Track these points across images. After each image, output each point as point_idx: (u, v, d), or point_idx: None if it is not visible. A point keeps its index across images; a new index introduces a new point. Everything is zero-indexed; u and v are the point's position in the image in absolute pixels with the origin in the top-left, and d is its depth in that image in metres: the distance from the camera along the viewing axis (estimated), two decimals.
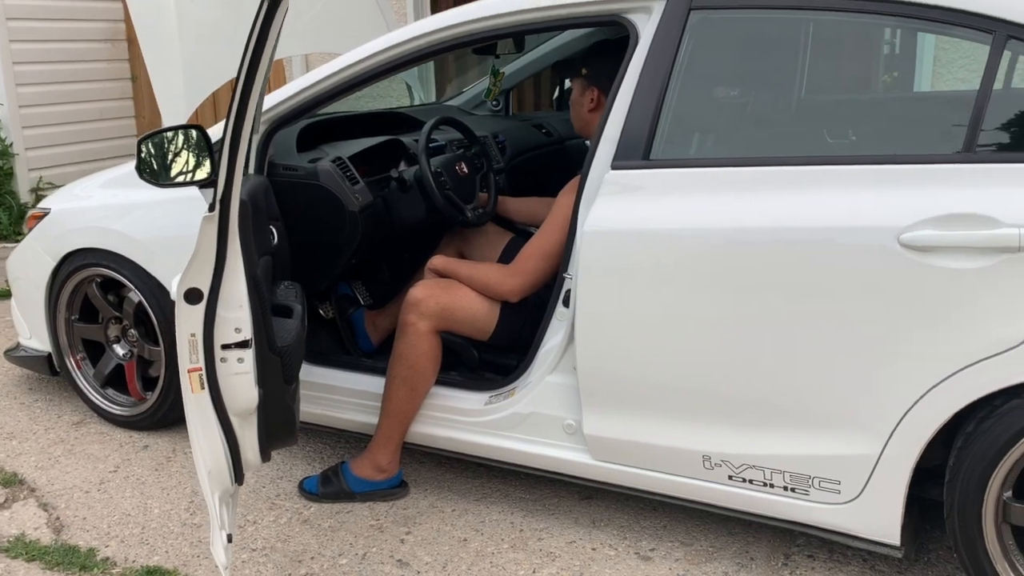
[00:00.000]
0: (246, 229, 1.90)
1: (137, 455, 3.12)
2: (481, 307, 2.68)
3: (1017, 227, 1.89)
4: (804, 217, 2.10)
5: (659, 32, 2.31)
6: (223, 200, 1.80)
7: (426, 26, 2.58)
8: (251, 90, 1.75)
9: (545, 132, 4.11)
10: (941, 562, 2.42)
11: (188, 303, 1.83)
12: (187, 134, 2.45)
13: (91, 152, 6.85)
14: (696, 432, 2.32)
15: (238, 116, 1.75)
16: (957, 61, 4.60)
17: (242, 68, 1.74)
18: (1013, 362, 1.93)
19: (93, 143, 6.88)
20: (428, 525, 2.65)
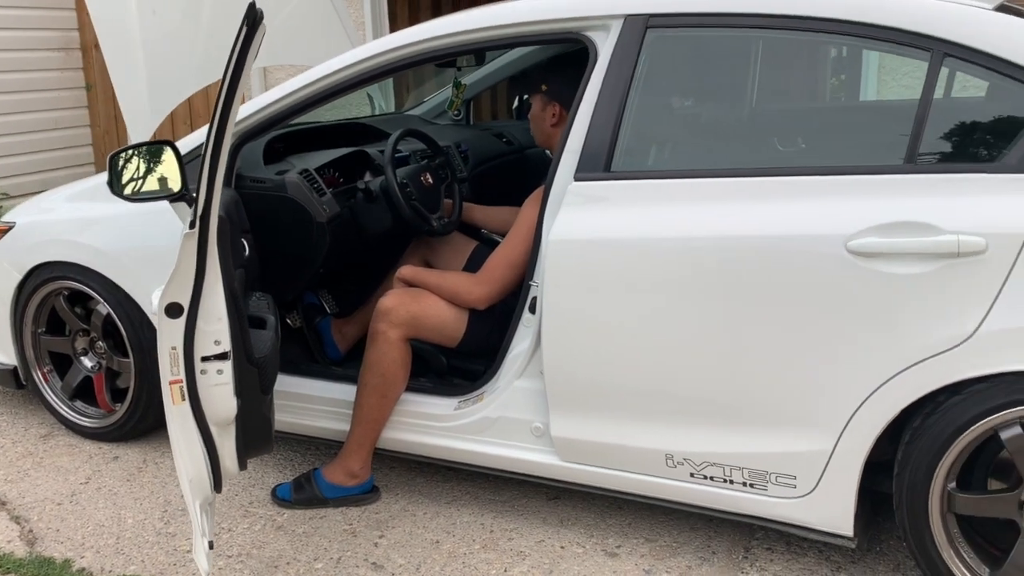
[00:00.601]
0: (224, 244, 1.95)
1: (108, 466, 3.15)
2: (450, 315, 2.76)
3: (956, 234, 2.01)
4: (757, 226, 2.20)
5: (617, 49, 2.41)
6: (203, 217, 1.85)
7: (393, 41, 2.65)
8: (230, 112, 1.81)
9: (506, 141, 4.19)
10: (892, 551, 2.55)
11: (169, 317, 1.88)
12: (158, 149, 2.50)
13: (47, 162, 6.80)
14: (659, 432, 2.42)
15: (217, 136, 1.81)
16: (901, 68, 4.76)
17: (222, 90, 1.80)
18: (954, 361, 2.05)
19: (48, 152, 6.83)
20: (401, 528, 2.72)
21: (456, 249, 3.23)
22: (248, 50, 1.76)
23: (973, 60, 2.09)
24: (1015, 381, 2.02)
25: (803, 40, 2.29)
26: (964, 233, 2.01)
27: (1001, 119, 2.12)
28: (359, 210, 3.14)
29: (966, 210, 2.03)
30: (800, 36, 2.27)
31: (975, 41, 2.08)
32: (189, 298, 1.88)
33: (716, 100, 2.54)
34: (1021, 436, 2.06)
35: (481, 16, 2.55)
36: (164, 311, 1.87)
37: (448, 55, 2.63)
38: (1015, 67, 2.06)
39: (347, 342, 3.27)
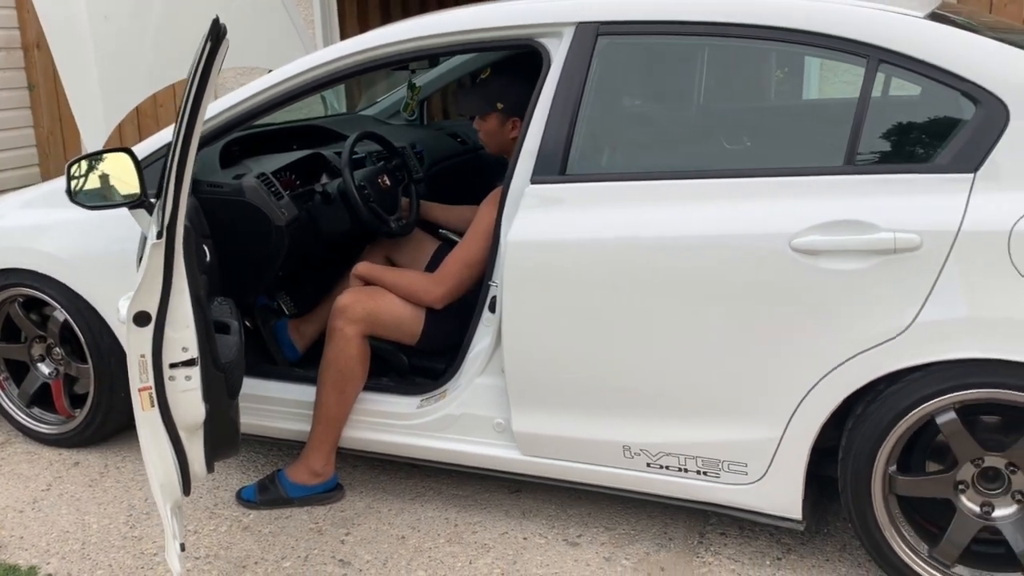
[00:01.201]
0: (190, 252, 1.99)
1: (68, 472, 3.15)
2: (406, 312, 2.82)
3: (893, 231, 2.13)
4: (706, 225, 2.30)
5: (570, 55, 2.49)
6: (169, 226, 1.89)
7: (353, 46, 2.69)
8: (195, 126, 1.85)
9: (460, 140, 4.25)
10: (838, 532, 2.67)
11: (137, 325, 1.92)
12: (116, 157, 2.52)
13: None
14: (616, 425, 2.51)
15: (183, 149, 1.85)
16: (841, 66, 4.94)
17: (186, 104, 1.83)
18: (893, 351, 2.17)
19: None
20: (366, 525, 2.77)
21: (421, 247, 3.29)
22: (212, 64, 1.80)
23: (906, 66, 2.21)
24: (949, 369, 2.14)
25: (747, 47, 2.39)
26: (900, 231, 2.12)
27: (933, 122, 2.24)
28: (317, 213, 3.18)
29: (902, 209, 2.14)
30: (744, 43, 2.37)
31: (908, 48, 2.20)
32: (157, 306, 1.92)
33: (665, 104, 2.63)
34: (955, 421, 2.19)
35: (439, 22, 2.61)
36: (132, 320, 1.91)
37: (407, 60, 2.70)
38: (944, 72, 2.18)
39: (305, 341, 3.30)
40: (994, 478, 2.24)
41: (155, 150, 2.90)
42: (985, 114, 2.13)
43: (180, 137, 1.84)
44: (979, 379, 2.12)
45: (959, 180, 2.13)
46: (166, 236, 1.89)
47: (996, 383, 2.11)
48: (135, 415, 2.01)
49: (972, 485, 2.25)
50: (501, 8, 2.59)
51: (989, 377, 2.11)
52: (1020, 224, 2.04)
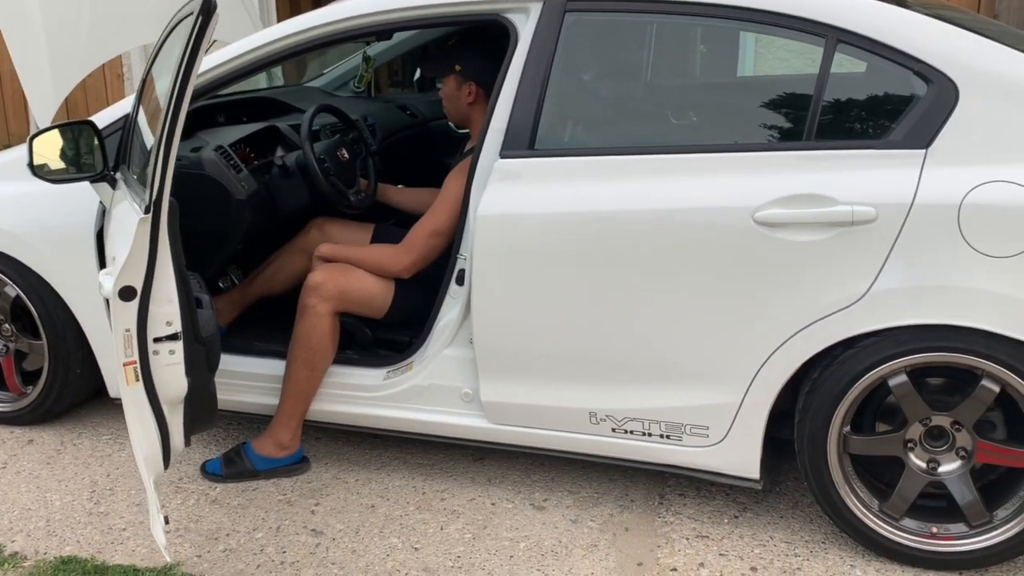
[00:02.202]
0: (174, 228, 1.99)
1: (23, 450, 3.10)
2: (376, 287, 2.85)
3: (850, 204, 2.24)
4: (671, 199, 2.38)
5: (538, 31, 2.53)
6: (156, 203, 1.88)
7: (313, 19, 2.69)
8: (182, 104, 1.84)
9: (410, 114, 4.26)
10: (790, 491, 2.81)
11: (123, 300, 1.91)
12: (79, 130, 2.49)
13: None
14: (583, 392, 2.59)
15: (170, 128, 1.84)
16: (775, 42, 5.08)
17: (175, 83, 1.82)
18: (849, 319, 2.29)
19: None
20: (335, 496, 2.81)
21: (360, 229, 3.29)
22: (201, 42, 1.79)
23: (862, 46, 2.31)
24: (902, 335, 2.28)
25: (709, 25, 2.47)
26: (857, 204, 2.24)
27: (887, 100, 2.35)
28: (276, 186, 3.17)
29: (858, 183, 2.26)
30: (706, 22, 2.45)
31: (865, 28, 2.31)
32: (142, 281, 1.91)
33: (630, 81, 2.70)
34: (906, 383, 2.33)
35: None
36: (118, 295, 1.90)
37: (371, 33, 2.71)
38: (898, 52, 2.29)
39: (223, 319, 3.25)
40: (939, 436, 2.39)
41: (113, 121, 2.85)
42: (936, 93, 2.25)
43: (168, 114, 1.84)
44: (930, 344, 2.26)
45: (912, 156, 2.25)
46: (152, 212, 1.88)
47: (946, 347, 2.25)
48: (120, 389, 2.01)
49: (920, 443, 2.40)
50: None
51: (939, 342, 2.25)
52: (969, 197, 2.17)
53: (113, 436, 3.19)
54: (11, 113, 6.67)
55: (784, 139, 2.40)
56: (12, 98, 6.62)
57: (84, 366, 3.12)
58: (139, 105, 2.64)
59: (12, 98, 6.62)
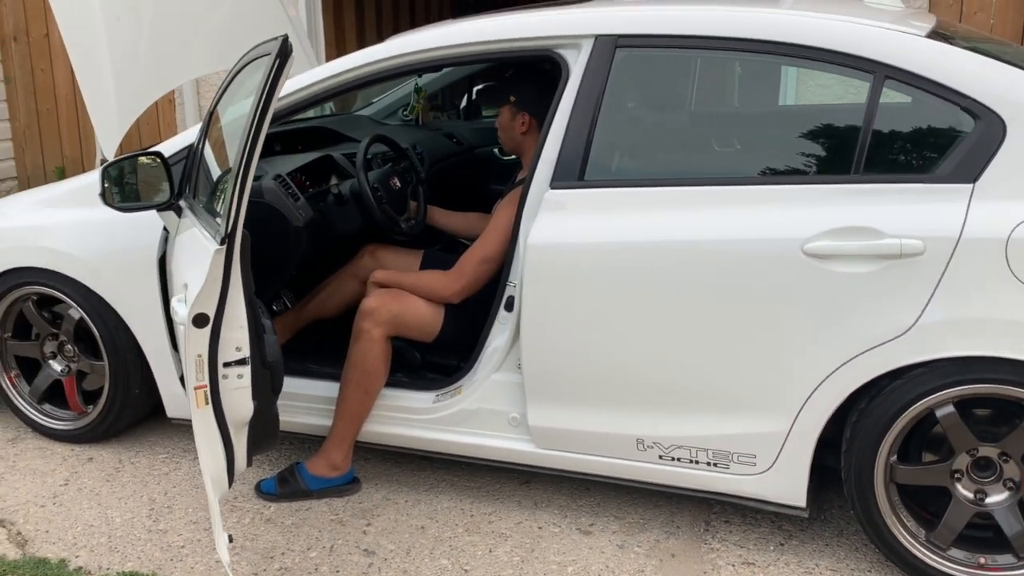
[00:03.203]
0: (245, 258, 2.08)
1: (84, 467, 3.20)
2: (428, 312, 2.92)
3: (898, 238, 2.28)
4: (722, 230, 2.43)
5: (589, 66, 2.60)
6: (231, 234, 1.97)
7: (377, 54, 2.78)
8: (258, 142, 1.93)
9: (456, 141, 4.35)
10: (835, 519, 2.83)
11: (196, 327, 2.00)
12: (148, 160, 2.60)
13: None
14: (630, 419, 2.64)
15: (246, 163, 1.93)
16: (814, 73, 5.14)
17: (251, 120, 1.91)
18: (896, 350, 2.32)
19: None
20: (385, 516, 2.87)
21: (410, 255, 3.37)
22: (278, 81, 1.89)
23: (910, 81, 2.36)
24: (949, 366, 2.30)
25: (759, 60, 2.53)
26: (905, 237, 2.28)
27: (934, 134, 2.39)
28: (330, 213, 3.27)
29: (906, 216, 2.29)
30: (757, 57, 2.51)
31: (911, 65, 2.35)
32: (215, 308, 2.00)
33: (680, 114, 2.76)
34: (953, 414, 2.35)
35: (464, 32, 2.72)
36: (192, 321, 1.99)
37: (431, 67, 2.80)
38: (945, 88, 2.33)
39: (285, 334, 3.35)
40: (987, 467, 2.41)
41: (177, 151, 2.95)
42: (984, 128, 2.29)
43: (245, 151, 1.93)
44: (977, 375, 2.28)
45: (959, 190, 2.28)
46: (227, 243, 1.97)
47: (993, 379, 2.27)
48: (191, 412, 2.09)
49: (967, 474, 2.42)
50: (522, 19, 2.70)
51: (986, 373, 2.27)
52: (1017, 231, 2.20)
53: (170, 455, 3.28)
54: (66, 138, 6.86)
55: (833, 172, 2.45)
56: (67, 123, 6.82)
57: (143, 386, 3.22)
58: (204, 137, 2.74)
59: (67, 123, 6.82)
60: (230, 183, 1.98)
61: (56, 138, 6.91)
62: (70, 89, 6.69)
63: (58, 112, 6.83)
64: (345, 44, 7.06)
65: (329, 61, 2.89)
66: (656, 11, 2.59)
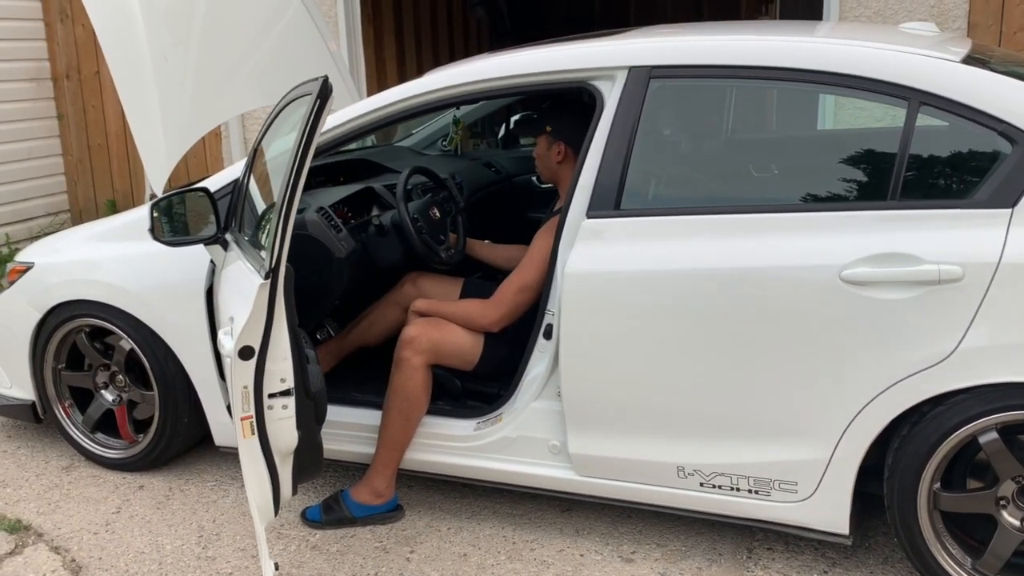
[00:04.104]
0: (289, 291, 2.14)
1: (136, 495, 3.28)
2: (467, 340, 2.96)
3: (937, 264, 2.27)
4: (758, 257, 2.44)
5: (623, 98, 2.64)
6: (275, 269, 2.04)
7: (419, 88, 2.85)
8: (300, 179, 2.00)
9: (494, 170, 4.41)
10: (879, 546, 2.80)
11: (242, 359, 2.06)
12: (195, 195, 2.68)
13: (20, 192, 6.84)
14: (671, 446, 2.65)
15: (289, 200, 2.00)
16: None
17: (294, 158, 1.98)
18: (937, 376, 2.31)
19: (22, 183, 6.87)
20: (428, 544, 2.90)
21: (450, 283, 3.42)
22: (319, 121, 1.95)
23: (945, 107, 2.36)
24: (991, 392, 2.29)
25: (794, 89, 2.55)
26: (943, 263, 2.27)
27: (971, 160, 2.39)
28: (371, 244, 3.33)
29: (944, 242, 2.29)
30: (791, 86, 2.53)
31: (946, 91, 2.36)
32: (260, 341, 2.06)
33: (714, 143, 2.79)
34: (997, 440, 2.33)
35: (501, 66, 2.78)
36: (238, 354, 2.05)
37: (475, 99, 2.87)
38: (981, 113, 2.33)
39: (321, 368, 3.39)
40: None
41: (223, 186, 3.04)
42: (1021, 153, 2.28)
43: (288, 189, 1.99)
44: (1020, 401, 2.26)
45: (998, 215, 2.27)
46: (272, 277, 2.03)
47: None
48: (237, 441, 2.15)
49: (1012, 501, 2.39)
50: (557, 52, 2.75)
51: None
52: None
53: (218, 483, 3.35)
54: (116, 172, 7.07)
55: (869, 198, 2.45)
56: (117, 158, 7.02)
57: (192, 415, 3.29)
58: (249, 172, 2.82)
59: (117, 158, 7.02)
60: (274, 219, 2.04)
61: (107, 172, 7.12)
62: (120, 125, 6.89)
63: (109, 147, 7.04)
64: (386, 75, 7.19)
65: (370, 92, 2.97)
66: (689, 42, 2.63)
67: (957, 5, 4.66)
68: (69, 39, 6.94)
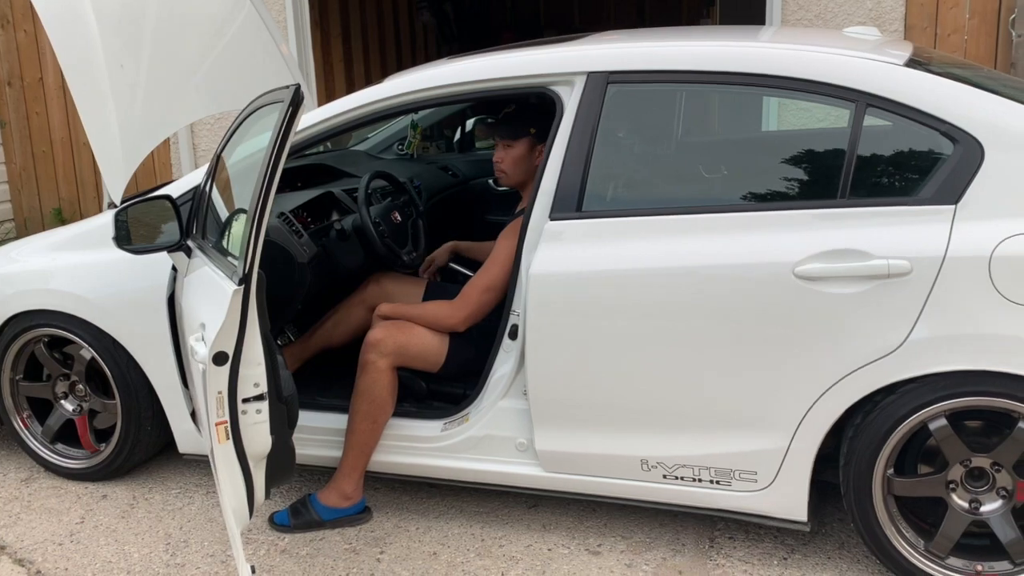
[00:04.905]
0: (261, 296, 2.16)
1: (99, 505, 3.26)
2: (432, 342, 3.00)
3: (886, 259, 2.38)
4: (716, 255, 2.52)
5: (583, 102, 2.70)
6: (247, 276, 2.06)
7: (374, 95, 2.88)
8: (271, 188, 2.02)
9: (452, 174, 4.45)
10: (835, 532, 2.91)
11: (216, 365, 2.08)
12: (158, 203, 2.68)
13: None
14: (634, 440, 2.72)
15: (260, 209, 2.02)
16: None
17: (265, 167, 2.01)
18: (888, 366, 2.42)
19: None
20: (398, 544, 2.94)
21: (413, 283, 3.46)
22: (290, 129, 1.98)
23: (891, 109, 2.47)
24: (940, 381, 2.39)
25: (744, 93, 2.64)
26: (892, 258, 2.38)
27: (916, 159, 2.50)
28: (333, 249, 3.35)
29: (892, 238, 2.39)
30: (742, 89, 2.62)
31: (892, 93, 2.46)
32: (234, 346, 2.08)
33: (671, 145, 2.87)
34: (946, 427, 2.44)
35: (460, 71, 2.82)
36: (212, 360, 2.07)
37: (427, 106, 2.90)
38: (924, 114, 2.44)
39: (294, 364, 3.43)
40: (980, 477, 2.49)
41: (183, 193, 3.04)
42: (963, 151, 2.40)
43: (260, 196, 2.02)
44: (967, 388, 2.38)
45: (942, 211, 2.39)
46: (245, 284, 2.05)
47: (982, 392, 2.37)
48: (212, 447, 2.16)
49: (961, 484, 2.51)
50: (517, 58, 2.81)
51: (975, 386, 2.37)
52: (999, 249, 2.31)
53: (183, 490, 3.34)
54: (62, 179, 6.95)
55: (820, 196, 2.55)
56: (63, 165, 6.92)
57: (155, 423, 3.28)
58: (212, 179, 2.83)
59: (63, 165, 6.92)
60: (245, 227, 2.06)
61: (52, 180, 7.00)
62: (65, 132, 6.79)
63: (54, 154, 6.93)
64: (334, 79, 7.17)
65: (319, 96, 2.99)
66: (645, 48, 2.71)
67: (894, 8, 4.82)
68: (11, 45, 6.82)
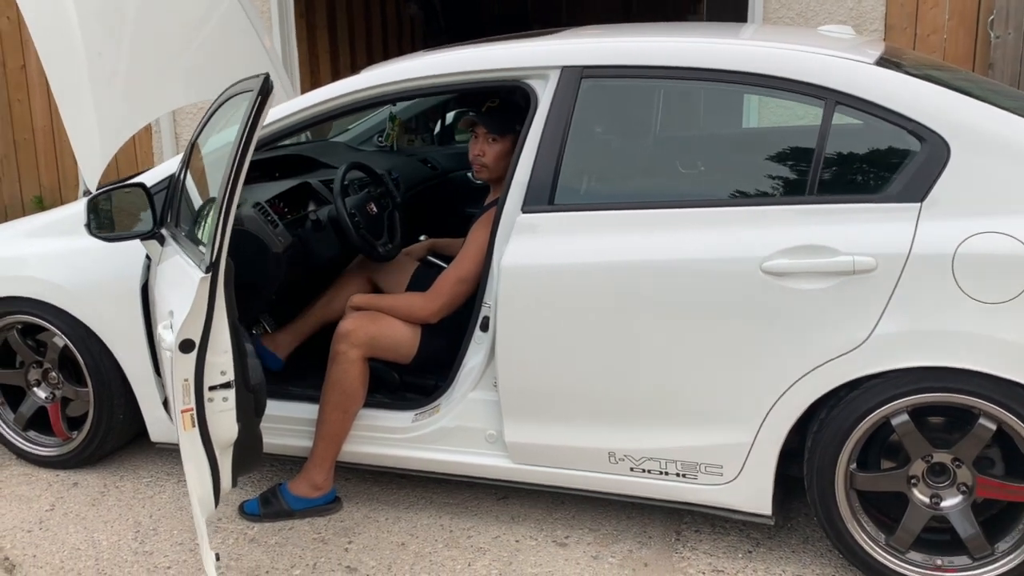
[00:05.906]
0: (230, 284, 2.16)
1: (69, 492, 3.26)
2: (404, 333, 3.01)
3: (851, 255, 2.40)
4: (685, 250, 2.54)
5: (557, 96, 2.72)
6: (215, 263, 2.06)
7: (349, 86, 2.89)
8: (240, 176, 2.03)
9: (430, 166, 4.46)
10: (800, 527, 2.94)
11: (183, 352, 2.08)
12: (131, 191, 2.68)
13: None
14: (601, 433, 2.74)
15: (229, 196, 2.03)
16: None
17: (234, 155, 2.01)
18: (852, 362, 2.44)
19: None
20: (367, 534, 2.95)
21: (401, 270, 3.47)
22: (260, 118, 1.98)
23: (859, 107, 2.49)
24: (902, 376, 2.42)
25: (719, 89, 2.65)
26: (858, 254, 2.40)
27: (883, 156, 2.52)
28: (309, 239, 3.36)
29: (859, 234, 2.42)
30: (716, 86, 2.63)
31: (861, 91, 2.49)
32: (200, 335, 2.08)
33: (643, 140, 2.88)
34: (908, 422, 2.47)
35: (436, 64, 2.83)
36: (178, 347, 2.07)
37: (402, 98, 2.90)
38: (892, 113, 2.47)
39: (284, 350, 3.44)
40: (941, 472, 2.52)
41: (158, 181, 3.04)
42: (929, 150, 2.42)
43: (228, 185, 2.02)
44: (929, 384, 2.40)
45: (908, 209, 2.41)
46: (212, 271, 2.06)
47: (944, 388, 2.39)
48: (178, 434, 2.17)
49: (922, 479, 2.53)
50: (492, 51, 2.81)
51: (938, 383, 2.39)
52: (963, 247, 2.33)
53: (154, 479, 3.34)
54: (43, 167, 6.92)
55: (789, 193, 2.57)
56: (44, 153, 6.88)
57: (127, 411, 3.28)
58: (186, 168, 2.83)
59: (44, 153, 6.88)
60: (213, 215, 2.07)
61: (33, 168, 6.96)
62: (47, 120, 6.75)
63: (35, 142, 6.89)
64: (319, 70, 7.16)
65: (303, 87, 3.00)
66: (619, 43, 2.72)
67: (875, 8, 4.86)
68: None
